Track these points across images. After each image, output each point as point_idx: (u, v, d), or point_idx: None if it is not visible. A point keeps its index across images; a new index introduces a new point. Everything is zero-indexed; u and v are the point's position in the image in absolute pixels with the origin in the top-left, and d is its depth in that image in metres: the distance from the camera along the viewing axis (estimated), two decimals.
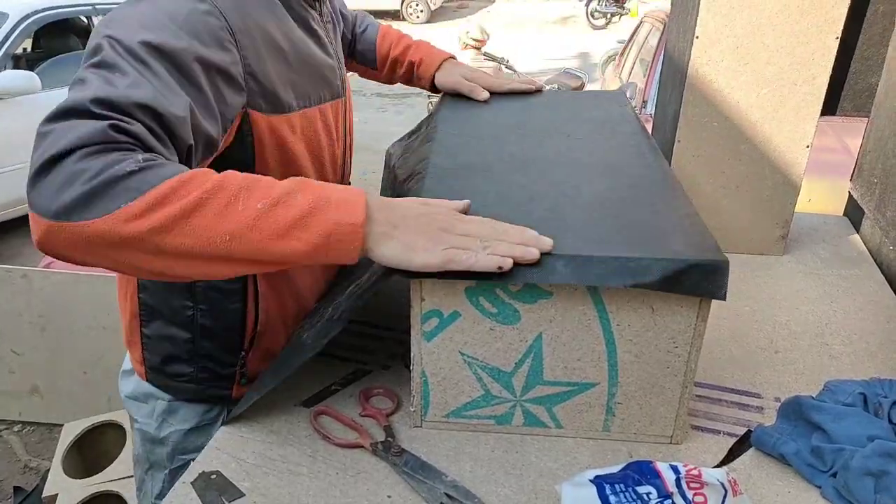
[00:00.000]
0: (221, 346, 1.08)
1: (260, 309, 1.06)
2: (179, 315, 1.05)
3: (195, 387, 1.10)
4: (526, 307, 0.81)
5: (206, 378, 1.09)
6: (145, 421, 1.14)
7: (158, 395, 1.12)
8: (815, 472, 0.86)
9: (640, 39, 5.02)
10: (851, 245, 1.50)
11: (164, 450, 1.14)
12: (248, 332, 1.08)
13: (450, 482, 0.84)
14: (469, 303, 0.81)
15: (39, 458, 2.52)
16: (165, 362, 1.09)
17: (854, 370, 1.08)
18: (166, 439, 1.13)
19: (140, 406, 1.14)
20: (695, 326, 0.83)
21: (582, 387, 0.87)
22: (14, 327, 2.51)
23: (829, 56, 1.27)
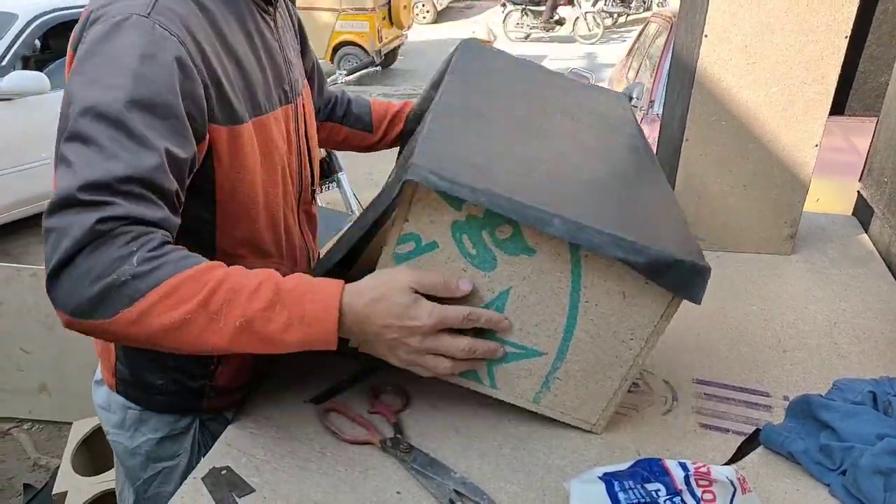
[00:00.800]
0: (189, 359, 1.06)
1: None
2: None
3: (165, 399, 1.08)
4: (506, 258, 0.80)
5: (176, 391, 1.08)
6: (116, 431, 1.14)
7: (129, 406, 1.10)
8: (823, 470, 0.86)
9: (647, 39, 5.01)
10: (860, 244, 1.50)
11: (137, 460, 1.13)
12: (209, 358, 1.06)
13: (458, 479, 0.85)
14: (451, 237, 0.80)
15: (48, 456, 2.54)
16: (136, 374, 1.08)
17: (863, 369, 1.08)
18: (138, 449, 1.12)
19: (110, 416, 1.13)
20: (656, 323, 0.84)
21: (530, 353, 0.86)
22: (23, 326, 2.52)
23: (839, 55, 1.27)
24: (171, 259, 0.76)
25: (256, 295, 0.76)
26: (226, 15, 0.95)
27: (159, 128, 0.80)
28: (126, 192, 0.76)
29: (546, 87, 1.20)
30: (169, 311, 0.74)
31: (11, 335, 2.54)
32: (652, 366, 1.08)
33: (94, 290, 0.73)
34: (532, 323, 0.84)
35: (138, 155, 0.77)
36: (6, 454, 2.56)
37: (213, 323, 0.75)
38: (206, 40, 0.89)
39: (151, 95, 0.80)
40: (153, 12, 0.83)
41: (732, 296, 1.29)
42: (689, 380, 1.05)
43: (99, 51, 0.81)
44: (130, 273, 0.73)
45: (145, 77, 0.80)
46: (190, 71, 0.84)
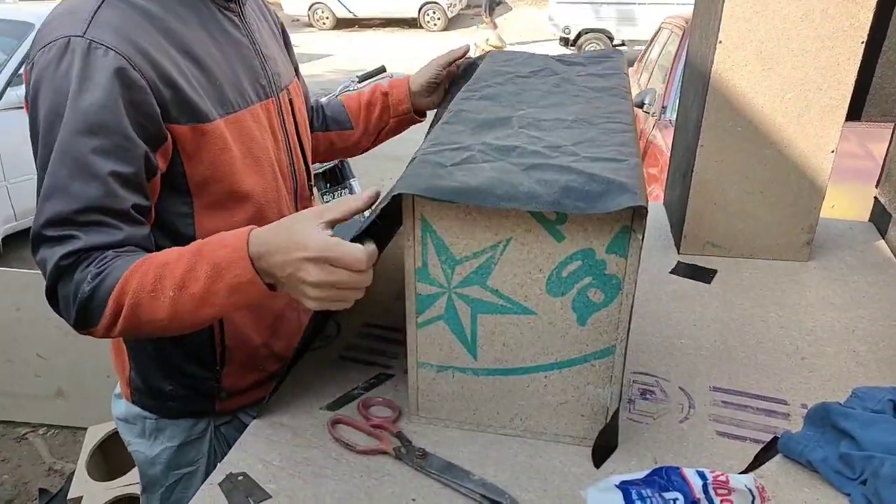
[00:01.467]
0: (194, 363, 1.09)
1: (225, 325, 1.07)
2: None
3: (177, 405, 1.11)
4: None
5: (186, 395, 1.10)
6: (137, 441, 1.16)
7: (146, 415, 1.13)
8: (843, 479, 0.85)
9: (658, 45, 5.00)
10: (878, 251, 1.48)
11: (158, 468, 1.16)
12: (216, 348, 1.08)
13: (478, 481, 0.85)
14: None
15: (64, 461, 2.55)
16: (147, 382, 1.10)
17: (882, 377, 1.06)
18: (158, 457, 1.15)
19: (131, 427, 1.16)
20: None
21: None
22: (40, 332, 2.55)
23: (855, 60, 1.26)
24: (116, 265, 0.86)
25: (179, 262, 0.84)
26: (180, 15, 0.96)
27: (104, 149, 0.86)
28: (84, 221, 0.86)
29: (546, 77, 1.21)
30: (126, 305, 0.85)
31: (29, 341, 2.57)
32: (668, 373, 1.07)
33: (74, 311, 0.87)
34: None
35: (88, 185, 0.85)
36: (22, 459, 2.58)
37: (154, 300, 0.84)
38: (153, 44, 0.90)
39: (92, 120, 0.85)
40: (89, 29, 0.86)
41: (749, 303, 1.28)
42: (706, 387, 1.04)
43: (44, 83, 0.86)
44: (88, 289, 0.85)
45: (84, 102, 0.85)
46: (133, 80, 0.87)
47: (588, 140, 0.89)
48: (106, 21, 0.87)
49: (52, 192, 0.86)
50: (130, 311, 0.84)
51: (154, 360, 1.09)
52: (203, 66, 0.97)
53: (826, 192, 1.37)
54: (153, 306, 0.84)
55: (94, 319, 0.86)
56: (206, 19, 1.00)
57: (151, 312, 0.84)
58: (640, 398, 1.02)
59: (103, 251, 0.87)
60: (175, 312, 0.84)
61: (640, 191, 0.75)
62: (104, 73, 0.85)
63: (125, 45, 0.87)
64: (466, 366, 0.90)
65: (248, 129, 1.02)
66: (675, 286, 1.35)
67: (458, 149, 0.87)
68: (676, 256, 1.46)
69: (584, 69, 1.24)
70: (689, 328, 1.20)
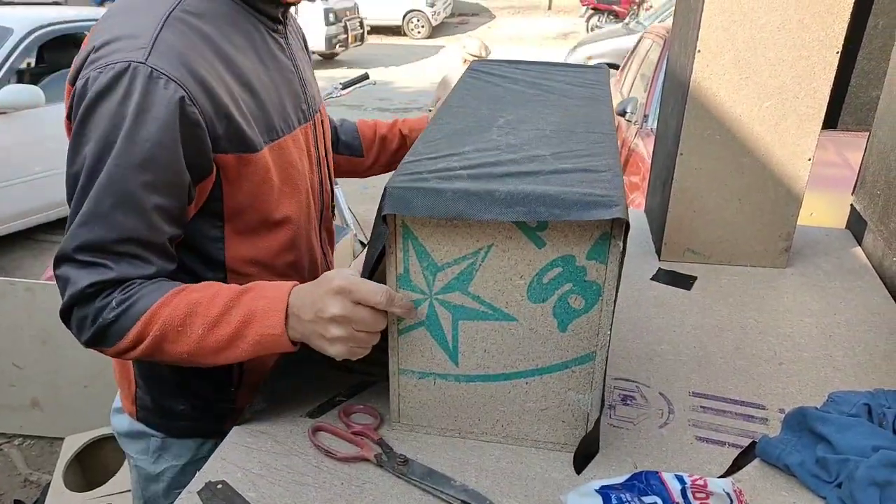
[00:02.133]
0: (211, 385, 1.08)
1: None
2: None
3: (188, 424, 1.10)
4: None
5: (200, 416, 1.09)
6: (140, 457, 1.14)
7: (151, 433, 1.11)
8: (820, 482, 0.86)
9: (640, 55, 5.06)
10: (854, 257, 1.50)
11: (160, 486, 1.14)
12: (234, 370, 1.08)
13: (459, 487, 0.84)
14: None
15: (40, 472, 2.51)
16: (157, 401, 1.09)
17: (858, 381, 1.08)
18: (162, 475, 1.13)
19: (135, 443, 1.14)
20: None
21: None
22: (15, 340, 2.51)
23: (830, 70, 1.29)
24: (144, 294, 0.86)
25: (214, 302, 0.85)
26: (232, 39, 0.94)
27: (153, 184, 0.85)
28: (119, 252, 0.86)
29: (528, 86, 1.21)
30: (150, 335, 0.86)
31: (4, 350, 2.53)
32: (648, 379, 1.08)
33: (91, 331, 0.87)
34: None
35: (130, 218, 0.85)
36: None
37: (182, 335, 0.85)
38: (210, 72, 0.88)
39: (146, 156, 0.83)
40: (151, 56, 0.83)
41: (728, 309, 1.29)
42: (686, 393, 1.05)
43: (98, 108, 0.83)
44: (111, 316, 0.85)
45: (140, 136, 0.83)
46: (190, 114, 0.85)
47: (568, 150, 0.90)
48: (168, 46, 0.84)
49: (91, 219, 0.84)
50: (154, 341, 0.86)
51: (167, 381, 1.08)
52: (254, 93, 0.96)
53: (803, 199, 1.39)
54: (178, 340, 0.86)
55: (111, 342, 0.87)
56: (257, 43, 0.99)
57: (174, 346, 0.86)
58: (620, 404, 1.02)
59: (132, 282, 0.88)
60: (198, 350, 0.86)
61: (619, 202, 0.76)
62: (163, 107, 0.83)
63: (186, 75, 0.84)
64: (448, 372, 0.90)
65: (288, 156, 1.01)
66: (655, 292, 1.36)
67: (437, 158, 0.88)
68: (657, 263, 1.47)
69: (565, 79, 1.25)
70: (668, 334, 1.21)
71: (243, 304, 0.85)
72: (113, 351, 0.89)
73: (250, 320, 0.84)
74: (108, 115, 0.83)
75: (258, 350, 0.86)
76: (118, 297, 0.86)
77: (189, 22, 0.89)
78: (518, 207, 0.76)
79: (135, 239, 0.86)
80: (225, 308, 0.85)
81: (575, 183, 0.79)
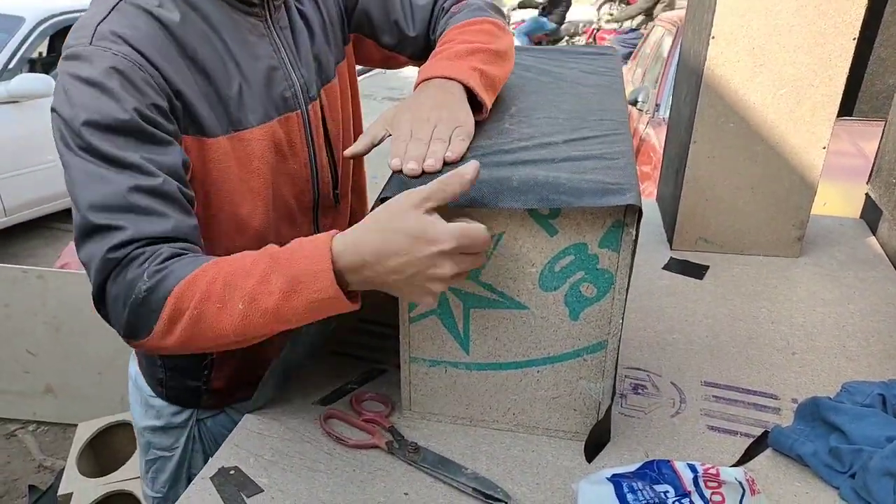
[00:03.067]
0: (185, 363, 1.08)
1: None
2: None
3: (166, 391, 1.12)
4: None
5: (175, 386, 1.11)
6: (133, 405, 1.20)
7: (141, 386, 1.15)
8: (833, 472, 0.85)
9: (652, 43, 5.01)
10: (868, 247, 1.49)
11: (142, 440, 1.19)
12: (202, 362, 1.07)
13: (471, 474, 0.85)
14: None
15: (54, 458, 2.54)
16: (144, 362, 1.13)
17: (871, 372, 1.07)
18: (143, 431, 1.17)
19: (132, 390, 1.19)
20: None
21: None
22: (29, 328, 2.53)
23: (847, 57, 1.27)
24: (177, 267, 0.78)
25: (251, 271, 0.75)
26: (194, 25, 0.90)
27: (124, 145, 0.81)
28: (128, 206, 0.79)
29: (540, 72, 1.20)
30: (186, 312, 0.76)
31: (18, 337, 2.55)
32: (660, 368, 1.08)
33: (125, 312, 0.79)
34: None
35: (121, 174, 0.80)
36: (11, 456, 2.56)
37: (221, 312, 0.75)
38: (161, 54, 0.86)
39: (101, 119, 0.80)
40: (93, 41, 0.84)
41: (741, 298, 1.29)
42: (698, 382, 1.05)
43: (59, 90, 0.83)
44: (144, 288, 0.77)
45: (93, 103, 0.81)
46: (133, 78, 0.82)
47: (580, 137, 0.89)
48: (109, 30, 0.84)
49: (87, 183, 0.80)
50: (192, 321, 0.76)
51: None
52: (211, 80, 0.91)
53: (817, 188, 1.38)
54: (219, 318, 0.75)
55: (148, 325, 0.78)
56: (226, 29, 0.93)
57: (217, 326, 0.76)
58: (631, 393, 1.02)
59: (155, 244, 0.80)
60: (244, 327, 0.76)
61: (632, 189, 0.75)
62: (109, 73, 0.81)
63: (129, 50, 0.83)
64: (459, 360, 0.90)
65: (249, 149, 0.95)
66: (667, 282, 1.35)
67: None
68: (669, 252, 1.47)
69: (577, 65, 1.24)
70: (680, 323, 1.20)
71: (280, 266, 0.74)
72: (153, 340, 0.80)
73: (294, 287, 0.73)
74: (70, 90, 0.82)
75: (316, 316, 0.76)
76: (149, 269, 0.77)
77: (141, 7, 0.87)
78: (530, 195, 0.76)
79: (136, 188, 0.80)
80: (262, 277, 0.74)
81: (587, 170, 0.79)
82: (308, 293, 0.73)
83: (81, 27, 0.86)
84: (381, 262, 0.71)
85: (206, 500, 0.82)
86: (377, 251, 0.71)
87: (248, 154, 0.95)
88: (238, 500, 0.81)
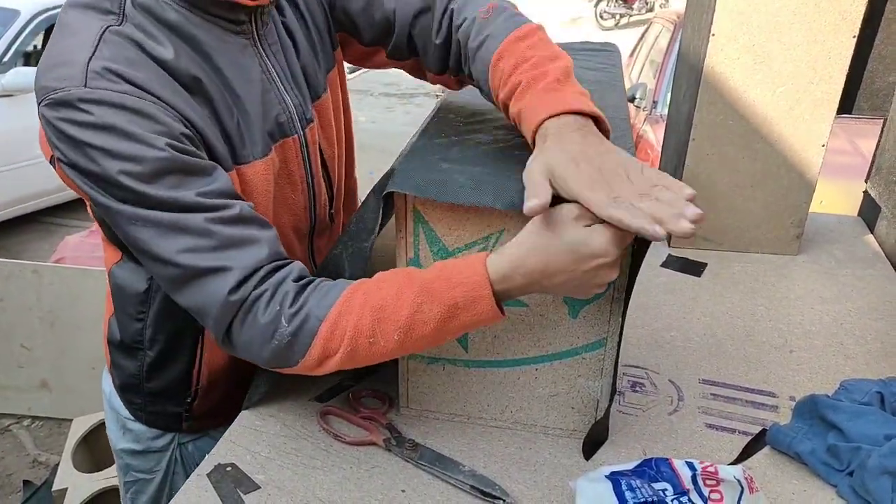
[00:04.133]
0: (168, 391, 1.02)
1: (202, 372, 1.00)
2: (133, 353, 1.00)
3: (145, 416, 1.06)
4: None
5: (155, 411, 1.05)
6: (109, 425, 1.13)
7: (118, 407, 1.09)
8: (831, 470, 0.85)
9: (649, 40, 5.01)
10: (866, 245, 1.49)
11: (120, 462, 1.13)
12: (192, 387, 1.02)
13: (468, 472, 0.84)
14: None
15: (48, 453, 2.53)
16: (122, 387, 1.06)
17: (869, 370, 1.07)
18: (120, 453, 1.11)
19: (107, 410, 1.12)
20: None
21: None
22: (24, 322, 2.52)
23: (846, 54, 1.27)
24: (312, 305, 0.77)
25: (400, 302, 0.75)
26: (191, 59, 0.82)
27: (178, 184, 0.75)
28: (221, 241, 0.76)
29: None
30: (338, 351, 0.77)
31: (12, 332, 2.54)
32: (658, 366, 1.07)
33: (265, 354, 0.79)
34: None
35: (190, 216, 0.75)
36: (6, 451, 2.55)
37: (374, 345, 0.77)
38: (166, 90, 0.78)
39: (139, 167, 0.73)
40: (88, 81, 0.73)
41: (739, 296, 1.28)
42: (696, 380, 1.04)
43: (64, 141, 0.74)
44: (288, 334, 0.77)
45: (120, 149, 0.73)
46: (149, 112, 0.75)
47: None
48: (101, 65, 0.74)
49: (163, 233, 0.75)
50: (345, 356, 0.77)
51: (130, 375, 1.04)
52: (214, 110, 0.84)
53: (816, 186, 1.38)
54: (373, 350, 0.77)
55: (293, 360, 0.79)
56: (217, 52, 0.84)
57: (371, 355, 0.78)
58: (629, 390, 1.02)
59: (271, 274, 0.78)
60: (400, 351, 0.78)
61: None
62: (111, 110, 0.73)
63: (126, 85, 0.75)
64: (457, 357, 0.90)
65: (249, 185, 0.89)
66: (665, 279, 1.35)
67: (448, 143, 0.87)
68: (667, 250, 1.46)
69: (577, 61, 1.23)
70: (678, 321, 1.20)
71: (435, 297, 0.74)
72: (297, 370, 0.80)
73: (453, 314, 0.74)
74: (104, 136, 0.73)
75: (471, 330, 0.81)
76: (286, 312, 0.76)
77: (130, 38, 0.78)
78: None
79: (215, 220, 0.76)
80: (414, 307, 0.74)
81: None
82: (466, 317, 0.74)
83: (63, 64, 0.75)
84: (546, 279, 0.72)
85: (203, 496, 0.82)
86: (541, 272, 0.71)
87: (251, 190, 0.89)
88: (235, 497, 0.81)
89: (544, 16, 14.79)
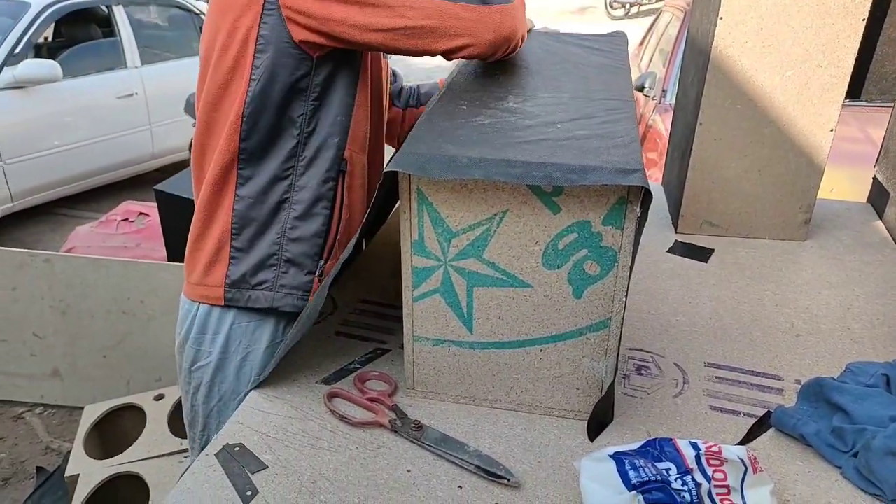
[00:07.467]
0: (305, 252, 1.11)
1: (342, 218, 1.11)
2: (271, 219, 1.08)
3: (272, 294, 1.11)
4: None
5: (285, 284, 1.11)
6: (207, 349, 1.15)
7: (226, 318, 1.13)
8: (835, 452, 0.85)
9: (659, 29, 4.97)
10: (874, 231, 1.48)
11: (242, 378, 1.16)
12: (329, 240, 1.11)
13: (473, 452, 0.85)
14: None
15: (60, 440, 2.56)
16: (249, 273, 1.10)
17: (876, 354, 1.07)
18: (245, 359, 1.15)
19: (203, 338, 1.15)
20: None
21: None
22: (36, 311, 2.54)
23: (856, 38, 1.25)
24: None
25: None
26: None
27: None
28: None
29: (547, 55, 1.20)
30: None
31: (25, 320, 2.56)
32: (663, 349, 1.07)
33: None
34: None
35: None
36: (19, 438, 2.58)
37: None
38: None
39: None
40: None
41: (745, 281, 1.28)
42: (701, 363, 1.04)
43: None
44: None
45: None
46: None
47: (585, 116, 0.89)
48: None
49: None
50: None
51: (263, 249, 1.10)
52: None
53: (824, 170, 1.37)
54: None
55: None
56: None
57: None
58: (634, 374, 1.02)
59: None
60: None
61: (636, 167, 0.75)
62: None
63: None
64: (462, 339, 0.90)
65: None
66: (671, 265, 1.35)
67: (454, 124, 0.87)
68: (674, 235, 1.46)
69: (584, 47, 1.23)
70: (684, 306, 1.20)
71: None
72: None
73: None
74: None
75: None
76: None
77: None
78: (534, 173, 0.76)
79: None
80: None
81: (592, 149, 0.78)
82: None
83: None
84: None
85: (211, 476, 0.82)
86: None
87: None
88: (243, 477, 0.82)
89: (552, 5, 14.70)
